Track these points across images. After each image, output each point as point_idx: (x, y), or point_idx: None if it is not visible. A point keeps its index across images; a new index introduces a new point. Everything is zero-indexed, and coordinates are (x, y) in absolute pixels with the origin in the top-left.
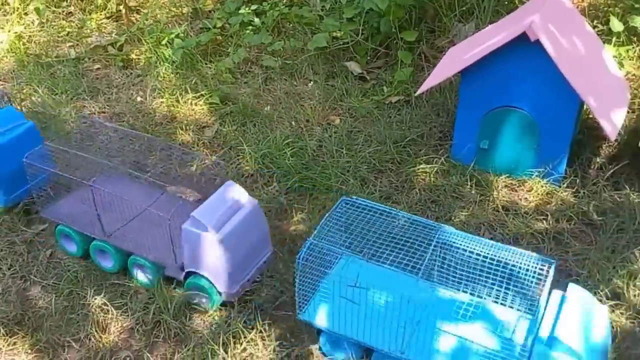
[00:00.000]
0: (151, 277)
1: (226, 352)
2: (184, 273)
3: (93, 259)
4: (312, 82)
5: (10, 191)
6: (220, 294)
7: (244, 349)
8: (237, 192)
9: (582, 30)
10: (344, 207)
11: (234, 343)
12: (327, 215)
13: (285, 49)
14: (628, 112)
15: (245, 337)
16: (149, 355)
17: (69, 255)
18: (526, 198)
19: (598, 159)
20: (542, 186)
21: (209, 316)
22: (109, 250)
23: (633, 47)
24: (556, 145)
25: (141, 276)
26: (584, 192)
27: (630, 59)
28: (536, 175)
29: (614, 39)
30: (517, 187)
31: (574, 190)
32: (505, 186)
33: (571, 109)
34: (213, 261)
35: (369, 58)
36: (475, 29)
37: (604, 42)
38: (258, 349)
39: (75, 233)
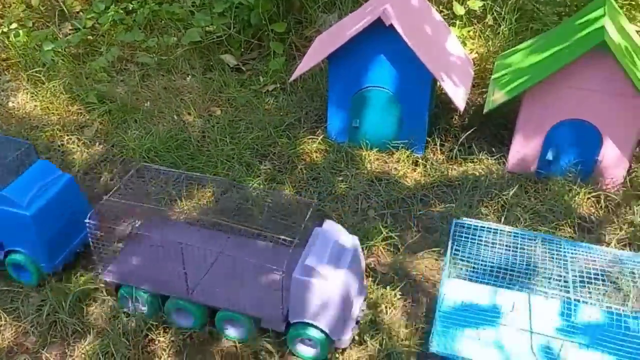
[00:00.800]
0: (244, 330)
1: (128, 341)
2: (284, 324)
3: (169, 318)
4: (190, 76)
5: (55, 255)
6: (332, 341)
7: (146, 335)
8: (337, 231)
9: (430, 16)
10: (458, 230)
11: (135, 332)
12: (449, 244)
13: (160, 45)
14: (473, 85)
15: (146, 324)
16: (47, 355)
17: (134, 316)
18: (396, 168)
19: (453, 128)
20: (407, 156)
21: (107, 309)
22: (190, 308)
23: (474, 28)
24: (416, 119)
25: (232, 332)
26: (443, 158)
27: (472, 39)
28: (402, 147)
29: (457, 22)
30: (387, 159)
31: (435, 157)
32: (377, 159)
33: (425, 86)
34: (330, 309)
35: (243, 50)
36: (338, 19)
37: (449, 25)
38: (160, 334)
39: (145, 294)
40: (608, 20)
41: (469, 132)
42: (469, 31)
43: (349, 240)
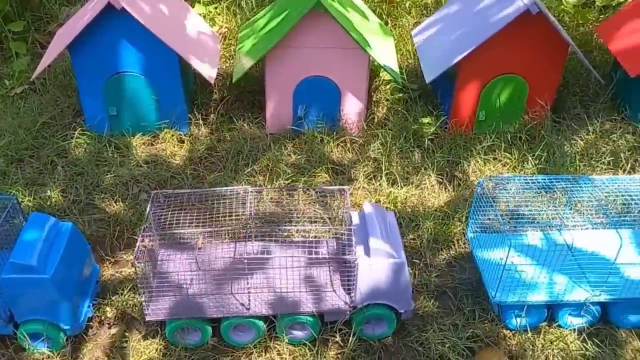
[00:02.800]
0: (309, 331)
1: None
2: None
3: (227, 338)
4: None
5: (77, 314)
6: (400, 315)
7: None
8: (376, 210)
9: None
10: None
11: None
12: (473, 202)
13: None
14: (229, 58)
15: None
16: None
17: (191, 347)
18: (163, 149)
19: (212, 102)
20: (172, 135)
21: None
22: (251, 322)
23: (220, 4)
24: (173, 98)
25: (300, 335)
26: (207, 132)
27: (219, 14)
28: (166, 127)
29: (202, 0)
30: (153, 141)
31: (199, 131)
32: (142, 143)
33: (173, 65)
34: (400, 285)
35: None
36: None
37: (194, 4)
38: None
39: (198, 322)
40: None
41: (227, 103)
42: (215, 7)
43: (388, 216)
